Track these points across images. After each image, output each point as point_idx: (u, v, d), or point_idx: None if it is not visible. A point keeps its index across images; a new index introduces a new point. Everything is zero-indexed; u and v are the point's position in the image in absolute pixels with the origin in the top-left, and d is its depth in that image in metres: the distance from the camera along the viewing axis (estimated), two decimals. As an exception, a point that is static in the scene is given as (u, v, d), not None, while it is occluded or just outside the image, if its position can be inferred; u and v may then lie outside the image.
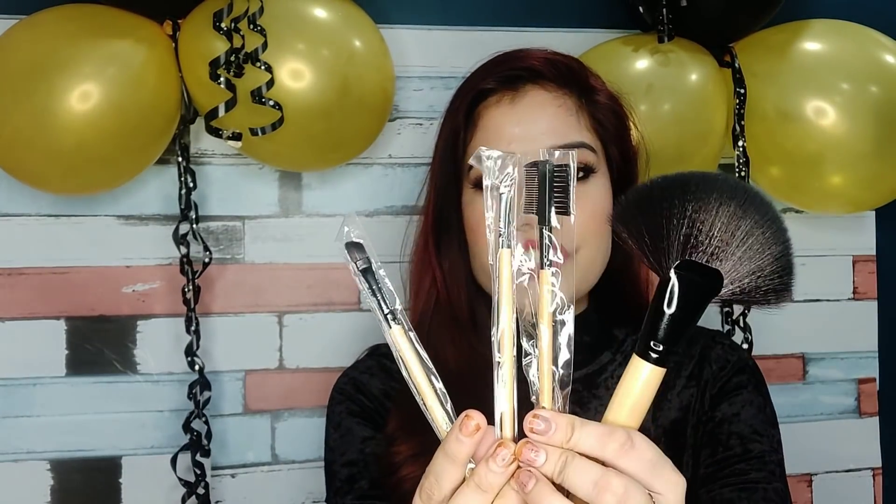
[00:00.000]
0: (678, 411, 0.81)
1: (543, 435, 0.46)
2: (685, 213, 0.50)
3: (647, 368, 0.49)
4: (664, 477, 0.46)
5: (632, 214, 0.53)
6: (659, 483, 0.46)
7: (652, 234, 0.51)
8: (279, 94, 1.02)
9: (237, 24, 1.01)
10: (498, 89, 0.79)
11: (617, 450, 0.46)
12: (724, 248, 0.49)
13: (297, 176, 1.27)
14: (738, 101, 1.22)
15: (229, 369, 1.24)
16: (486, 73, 0.81)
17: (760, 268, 0.50)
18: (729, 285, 0.50)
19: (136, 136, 1.06)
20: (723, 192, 0.50)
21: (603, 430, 0.47)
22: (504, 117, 0.78)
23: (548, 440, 0.46)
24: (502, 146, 0.77)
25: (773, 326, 1.38)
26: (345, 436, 0.83)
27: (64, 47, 1.02)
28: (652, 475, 0.46)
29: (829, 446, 1.41)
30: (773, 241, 0.51)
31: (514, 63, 0.80)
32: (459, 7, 1.31)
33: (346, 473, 0.81)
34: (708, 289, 0.49)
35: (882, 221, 1.44)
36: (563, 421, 0.47)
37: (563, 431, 0.46)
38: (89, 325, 1.20)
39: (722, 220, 0.49)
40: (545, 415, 0.47)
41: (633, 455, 0.46)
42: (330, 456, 0.84)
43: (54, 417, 1.19)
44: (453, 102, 0.84)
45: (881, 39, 1.22)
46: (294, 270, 1.26)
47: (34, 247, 1.19)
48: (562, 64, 0.80)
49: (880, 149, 1.17)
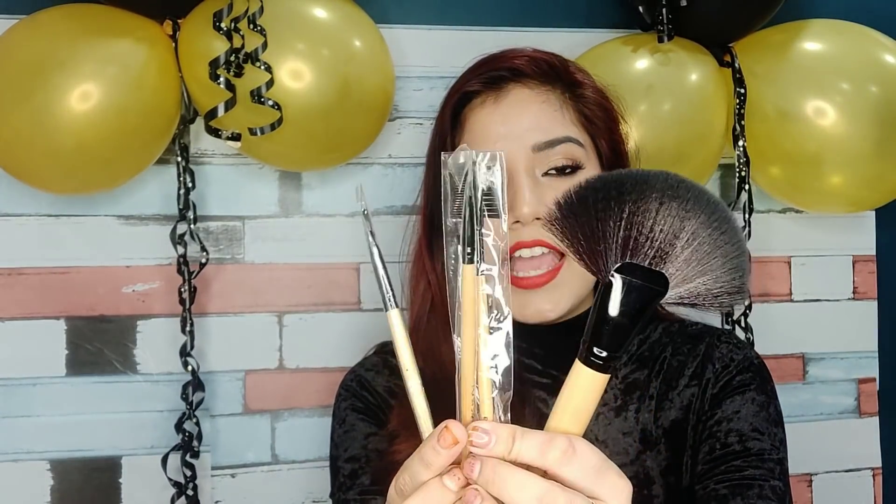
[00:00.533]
0: (679, 411, 0.80)
1: (484, 448, 0.46)
2: (622, 215, 0.48)
3: (589, 375, 0.48)
4: (609, 482, 0.46)
5: (566, 216, 0.51)
6: (604, 489, 0.46)
7: (587, 237, 0.49)
8: (279, 94, 1.02)
9: (237, 23, 1.01)
10: (482, 91, 0.81)
11: (559, 458, 0.45)
12: (669, 250, 0.48)
13: (297, 176, 1.27)
14: (738, 101, 1.22)
15: (229, 369, 1.24)
16: (470, 76, 0.82)
17: (710, 269, 0.48)
18: (676, 288, 0.48)
19: (136, 135, 1.06)
20: (663, 192, 0.49)
21: (544, 439, 0.46)
22: (489, 117, 0.79)
23: (489, 452, 0.46)
24: (488, 145, 0.78)
25: (773, 326, 1.38)
26: (349, 432, 0.84)
27: (64, 47, 1.02)
28: (596, 482, 0.46)
29: (829, 446, 1.41)
30: (724, 241, 0.49)
31: (497, 63, 0.81)
32: (459, 7, 1.31)
33: (350, 469, 0.81)
34: (651, 292, 0.48)
35: (882, 221, 1.44)
36: (504, 432, 0.46)
37: (504, 443, 0.46)
38: (89, 325, 1.20)
39: (664, 220, 0.48)
40: (485, 426, 0.46)
41: (574, 462, 0.45)
42: (334, 451, 0.84)
43: (54, 417, 1.19)
44: (441, 107, 0.85)
45: (881, 39, 1.22)
46: (294, 270, 1.26)
47: (34, 247, 1.19)
48: (543, 61, 0.81)
49: (880, 149, 1.17)
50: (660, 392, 0.81)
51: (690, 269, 0.48)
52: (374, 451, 0.81)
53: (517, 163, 0.76)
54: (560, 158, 0.77)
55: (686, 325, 0.87)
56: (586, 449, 0.46)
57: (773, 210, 1.40)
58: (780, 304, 1.40)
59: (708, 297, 0.49)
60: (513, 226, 0.76)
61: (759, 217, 1.35)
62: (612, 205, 0.49)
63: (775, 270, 1.41)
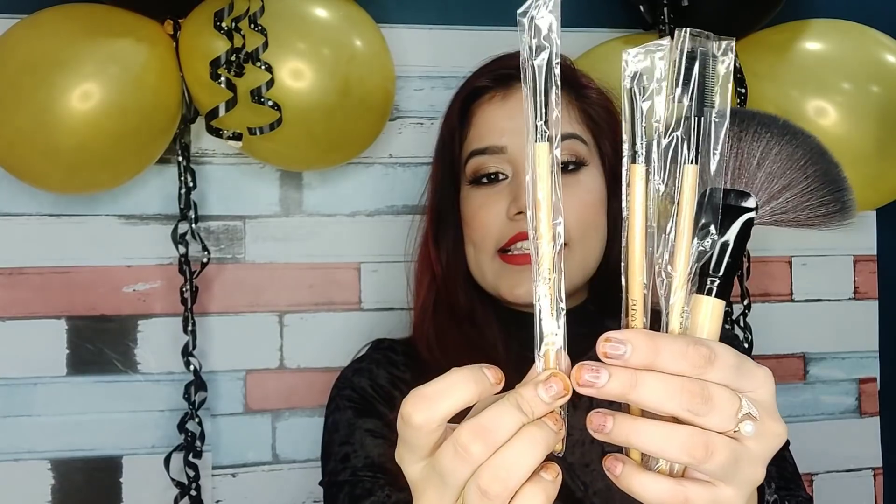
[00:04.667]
0: None
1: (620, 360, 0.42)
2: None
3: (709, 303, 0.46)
4: (750, 375, 0.44)
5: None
6: (750, 382, 0.43)
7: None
8: (280, 94, 1.02)
9: (238, 23, 1.01)
10: (491, 87, 0.84)
11: (702, 363, 0.42)
12: (746, 169, 0.47)
13: (298, 175, 1.27)
14: (739, 101, 1.22)
15: (230, 369, 1.24)
16: (481, 73, 0.86)
17: (795, 182, 0.47)
18: (766, 205, 0.47)
19: (137, 135, 1.06)
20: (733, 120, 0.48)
21: (684, 343, 0.42)
22: (496, 112, 0.82)
23: (625, 363, 0.42)
24: (494, 139, 0.81)
25: (774, 326, 1.38)
26: (341, 420, 0.84)
27: (64, 47, 1.02)
28: (739, 378, 0.43)
29: (830, 446, 1.41)
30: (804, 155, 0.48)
31: (506, 62, 0.85)
32: (459, 7, 1.31)
33: (342, 452, 0.81)
34: (741, 211, 0.47)
35: (883, 221, 1.44)
36: (641, 340, 0.42)
37: (643, 352, 0.41)
38: (90, 325, 1.20)
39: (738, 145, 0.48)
40: (618, 336, 0.42)
41: (717, 364, 0.42)
42: (327, 437, 0.85)
43: (55, 417, 1.19)
44: (451, 101, 0.88)
45: (881, 39, 1.22)
46: (295, 270, 1.26)
47: (35, 246, 1.19)
48: None
49: (881, 148, 1.17)
50: None
51: (774, 183, 0.47)
52: (367, 436, 0.81)
53: (522, 158, 0.78)
54: (564, 154, 0.79)
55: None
56: (723, 350, 0.43)
57: (774, 210, 1.40)
58: (781, 303, 1.40)
59: (804, 210, 0.48)
60: (515, 217, 0.78)
61: (760, 217, 1.35)
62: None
63: (776, 270, 1.41)
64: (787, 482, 0.74)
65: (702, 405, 0.41)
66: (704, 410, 0.41)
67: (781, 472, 0.75)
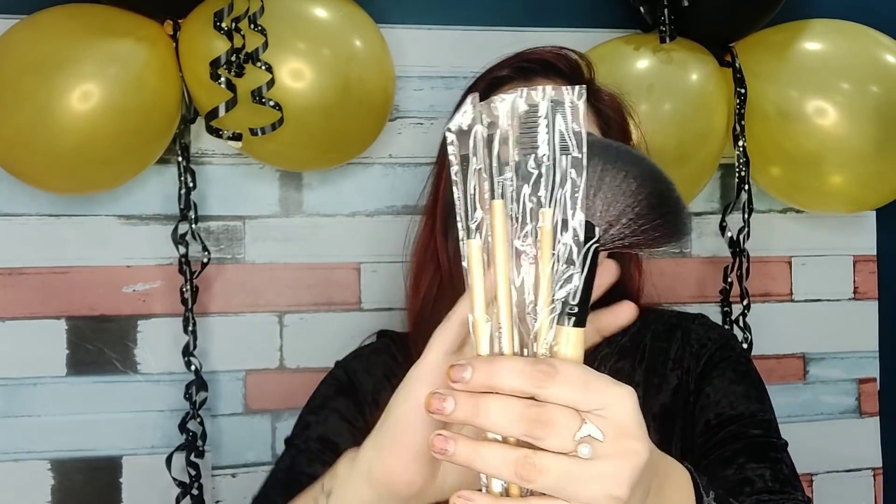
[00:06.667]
0: (666, 396, 0.83)
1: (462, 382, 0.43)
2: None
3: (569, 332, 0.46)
4: (600, 391, 0.43)
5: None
6: (597, 399, 0.42)
7: None
8: (280, 94, 1.03)
9: (238, 23, 1.01)
10: (512, 78, 0.84)
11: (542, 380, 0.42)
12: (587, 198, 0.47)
13: (298, 176, 1.27)
14: (739, 101, 1.22)
15: (230, 369, 1.24)
16: (501, 65, 0.86)
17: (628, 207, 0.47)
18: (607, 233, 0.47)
19: (137, 135, 1.06)
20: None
21: (522, 361, 0.43)
22: None
23: (467, 387, 0.43)
24: None
25: (773, 326, 1.38)
26: (320, 393, 0.89)
27: (64, 47, 1.02)
28: (586, 394, 0.42)
29: (830, 446, 1.41)
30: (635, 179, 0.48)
31: (529, 55, 0.86)
32: (459, 7, 1.31)
33: (306, 420, 0.87)
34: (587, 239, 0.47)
35: (882, 221, 1.44)
36: (481, 361, 0.44)
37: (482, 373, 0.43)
38: (90, 325, 1.20)
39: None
40: (461, 361, 0.44)
41: (557, 378, 0.42)
42: (305, 405, 0.89)
43: (55, 417, 1.19)
44: (470, 89, 0.87)
45: (881, 39, 1.22)
46: (295, 270, 1.26)
47: (34, 246, 1.19)
48: (572, 59, 0.86)
49: (881, 148, 1.17)
50: (645, 379, 0.84)
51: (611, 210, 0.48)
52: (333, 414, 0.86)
53: None
54: None
55: (663, 314, 0.91)
56: (569, 367, 0.43)
57: (774, 210, 1.40)
58: (781, 304, 1.40)
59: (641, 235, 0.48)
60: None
61: (760, 217, 1.35)
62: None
63: (776, 270, 1.41)
64: (781, 485, 0.74)
65: (540, 430, 0.42)
66: (543, 434, 0.42)
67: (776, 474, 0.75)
